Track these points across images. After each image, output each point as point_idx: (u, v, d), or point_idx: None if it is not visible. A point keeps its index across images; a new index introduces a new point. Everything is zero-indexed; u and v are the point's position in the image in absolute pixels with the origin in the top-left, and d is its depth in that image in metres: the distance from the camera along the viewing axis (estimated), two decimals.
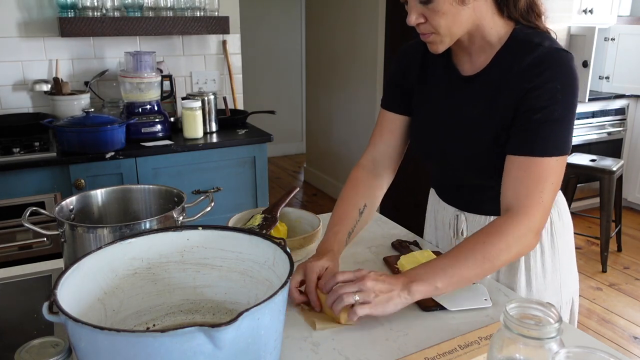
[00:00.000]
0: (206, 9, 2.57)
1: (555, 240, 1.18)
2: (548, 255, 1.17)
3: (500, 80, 1.03)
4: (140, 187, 1.24)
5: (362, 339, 0.94)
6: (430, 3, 0.96)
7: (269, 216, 1.27)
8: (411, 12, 0.99)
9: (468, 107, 1.09)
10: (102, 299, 0.84)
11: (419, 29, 1.01)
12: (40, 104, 2.47)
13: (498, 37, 1.03)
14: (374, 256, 1.27)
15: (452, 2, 0.96)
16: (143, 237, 0.89)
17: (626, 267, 3.28)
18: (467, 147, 1.10)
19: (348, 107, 4.09)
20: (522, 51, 1.00)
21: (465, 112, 1.09)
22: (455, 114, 1.11)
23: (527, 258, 1.16)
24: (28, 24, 2.39)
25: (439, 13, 0.97)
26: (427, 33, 1.01)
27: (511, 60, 1.02)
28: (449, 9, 0.96)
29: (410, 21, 0.99)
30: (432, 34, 1.00)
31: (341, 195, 1.20)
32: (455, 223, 1.25)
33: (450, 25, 0.99)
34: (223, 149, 2.36)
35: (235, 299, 0.93)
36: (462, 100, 1.10)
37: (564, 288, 1.21)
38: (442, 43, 1.02)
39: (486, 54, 1.05)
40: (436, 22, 0.98)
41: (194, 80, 2.77)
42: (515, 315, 0.71)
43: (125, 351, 0.63)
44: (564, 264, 1.20)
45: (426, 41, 1.03)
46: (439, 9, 0.96)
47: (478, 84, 1.07)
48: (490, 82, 1.05)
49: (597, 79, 4.03)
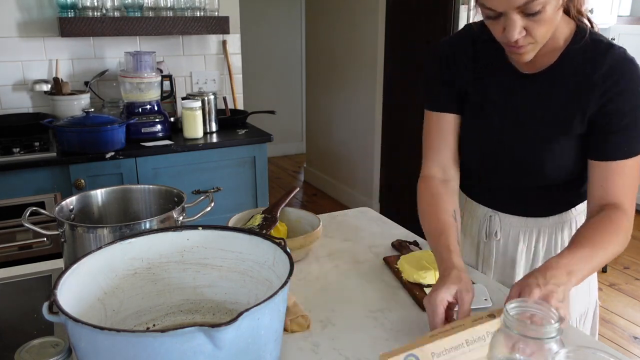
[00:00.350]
0: (206, 9, 2.57)
1: None
2: None
3: (570, 80, 1.02)
4: (140, 187, 1.24)
5: (362, 339, 0.94)
6: (539, 14, 0.90)
7: (269, 216, 1.27)
8: (514, 27, 0.91)
9: (532, 105, 1.06)
10: (102, 299, 0.84)
11: (515, 43, 0.94)
12: (40, 104, 2.47)
13: (564, 37, 1.02)
14: (374, 256, 1.27)
15: (556, 8, 0.92)
16: (143, 237, 0.89)
17: (626, 267, 3.28)
18: (530, 147, 1.07)
19: (348, 107, 4.09)
20: (594, 54, 0.99)
21: (529, 111, 1.06)
22: (517, 113, 1.08)
23: None
24: (28, 24, 2.38)
25: (544, 22, 0.92)
26: (525, 45, 0.95)
27: (582, 62, 1.00)
28: (553, 17, 0.93)
29: (512, 37, 0.93)
30: (529, 44, 0.96)
31: (424, 212, 1.12)
32: (487, 225, 1.20)
33: (548, 32, 0.96)
34: (223, 149, 2.36)
35: (235, 299, 0.93)
36: (524, 98, 1.07)
37: (592, 291, 1.21)
38: (534, 51, 0.98)
39: (551, 54, 1.03)
40: (539, 32, 0.93)
41: (194, 80, 2.77)
42: (515, 315, 0.71)
43: (125, 351, 0.63)
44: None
45: (517, 52, 0.97)
46: (545, 18, 0.92)
47: (544, 83, 1.04)
48: (558, 82, 1.03)
49: None
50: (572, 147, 1.04)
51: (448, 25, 2.95)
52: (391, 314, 1.02)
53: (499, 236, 1.20)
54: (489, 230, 1.21)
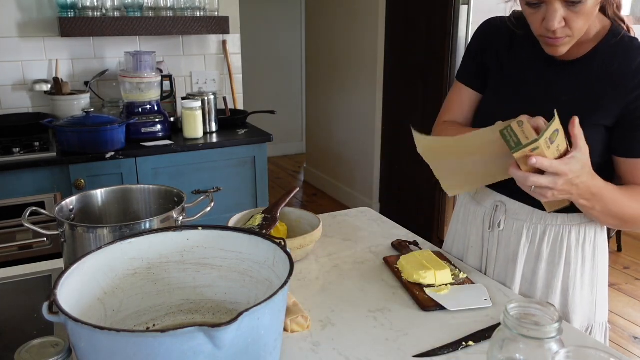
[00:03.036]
0: (206, 9, 2.57)
1: (597, 254, 1.15)
2: (588, 267, 1.15)
3: (602, 72, 1.05)
4: (140, 187, 1.24)
5: (362, 339, 0.94)
6: (580, 5, 0.93)
7: (269, 216, 1.27)
8: (554, 17, 0.95)
9: (563, 90, 1.09)
10: (102, 299, 0.84)
11: (554, 34, 0.98)
12: (40, 104, 2.47)
13: (596, 31, 1.06)
14: (374, 256, 1.27)
15: (595, 2, 0.95)
16: (143, 237, 0.89)
17: (626, 267, 3.28)
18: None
19: (348, 107, 4.09)
20: (628, 51, 1.03)
21: (559, 95, 1.09)
22: (547, 95, 1.10)
23: (568, 265, 1.14)
24: (28, 24, 2.39)
25: (583, 15, 0.95)
26: (562, 37, 0.99)
27: (614, 56, 1.03)
28: (592, 10, 0.96)
29: (552, 26, 0.96)
30: (567, 37, 0.99)
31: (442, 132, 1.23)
32: (492, 214, 1.21)
33: (585, 25, 0.98)
34: (223, 149, 2.36)
35: (235, 299, 0.93)
36: (556, 83, 1.10)
37: (598, 308, 1.18)
38: (569, 44, 1.02)
39: (584, 46, 1.06)
40: (577, 24, 0.97)
41: (194, 80, 2.77)
42: (515, 315, 0.71)
43: (125, 351, 0.63)
44: (600, 283, 1.17)
45: (554, 45, 1.01)
46: (586, 10, 0.95)
47: (577, 70, 1.07)
48: (590, 72, 1.06)
49: None
50: (595, 139, 1.03)
51: (448, 25, 2.95)
52: (391, 314, 1.02)
53: (502, 226, 1.19)
54: (493, 220, 1.21)
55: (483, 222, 1.23)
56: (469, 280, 1.13)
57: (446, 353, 0.90)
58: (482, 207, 1.23)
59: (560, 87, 1.09)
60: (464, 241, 1.29)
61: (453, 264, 1.20)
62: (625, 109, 1.02)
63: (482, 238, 1.24)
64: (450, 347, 0.91)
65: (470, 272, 1.19)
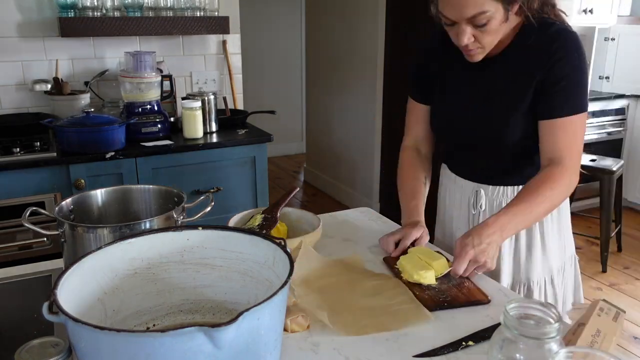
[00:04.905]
0: (206, 9, 2.57)
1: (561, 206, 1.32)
2: (555, 217, 1.32)
3: (521, 59, 1.18)
4: (140, 187, 1.24)
5: (362, 339, 0.94)
6: (485, 26, 1.09)
7: (269, 216, 1.27)
8: (463, 35, 1.11)
9: (494, 85, 1.23)
10: (102, 299, 0.84)
11: (466, 47, 1.14)
12: (40, 104, 2.47)
13: (511, 27, 1.18)
14: (374, 256, 1.27)
15: (500, 22, 1.10)
16: (143, 237, 0.89)
17: (626, 267, 3.28)
18: (497, 120, 1.23)
19: (348, 107, 4.09)
20: (538, 33, 1.16)
21: (491, 90, 1.23)
22: (482, 93, 1.25)
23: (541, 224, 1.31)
24: (28, 24, 2.39)
25: (490, 33, 1.11)
26: (474, 48, 1.14)
27: (529, 41, 1.17)
28: (497, 28, 1.11)
29: (462, 42, 1.12)
30: (478, 48, 1.15)
31: (401, 174, 1.40)
32: (474, 199, 1.35)
33: (494, 40, 1.14)
34: (223, 149, 2.36)
35: (235, 299, 0.93)
36: (484, 79, 1.24)
37: (567, 247, 1.37)
38: (483, 54, 1.17)
39: (503, 41, 1.19)
40: (485, 40, 1.12)
41: (194, 80, 2.77)
42: (515, 315, 0.71)
43: (125, 351, 0.63)
44: (564, 226, 1.36)
45: (469, 54, 1.17)
46: (489, 30, 1.10)
47: (500, 65, 1.21)
48: (512, 62, 1.20)
49: (597, 79, 4.03)
50: (524, 122, 1.20)
51: None
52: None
53: (484, 207, 1.34)
54: (475, 203, 1.35)
55: (468, 206, 1.37)
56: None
57: (446, 353, 0.90)
58: (464, 194, 1.38)
59: (489, 85, 1.24)
60: (450, 226, 1.44)
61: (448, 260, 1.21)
62: (543, 78, 1.15)
63: (467, 219, 1.38)
64: (450, 347, 0.91)
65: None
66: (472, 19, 1.07)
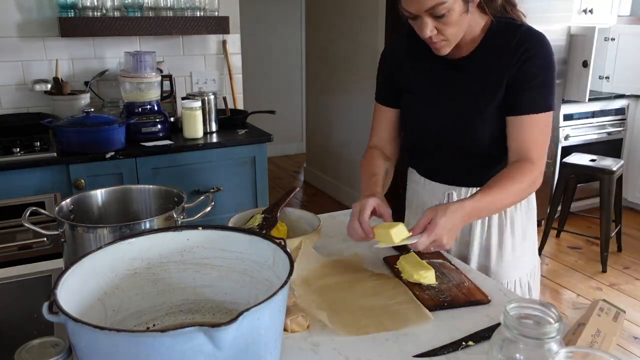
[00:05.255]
0: (206, 9, 2.57)
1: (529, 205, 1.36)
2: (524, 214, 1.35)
3: (491, 59, 1.20)
4: (140, 187, 1.24)
5: (362, 339, 0.94)
6: (444, 17, 1.10)
7: (269, 216, 1.27)
8: (425, 27, 1.12)
9: (463, 86, 1.24)
10: (102, 299, 0.84)
11: (430, 39, 1.15)
12: (40, 104, 2.47)
13: (480, 27, 1.21)
14: (374, 256, 1.27)
15: (460, 13, 1.11)
16: (143, 237, 0.89)
17: (626, 267, 3.28)
18: (467, 121, 1.24)
19: (348, 107, 4.09)
20: (507, 34, 1.19)
21: (461, 91, 1.24)
22: (452, 94, 1.26)
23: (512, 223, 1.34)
24: (28, 24, 2.39)
25: (451, 24, 1.12)
26: (438, 41, 1.16)
27: (498, 42, 1.20)
28: (458, 19, 1.12)
29: (424, 35, 1.13)
30: (442, 41, 1.16)
31: (363, 165, 1.37)
32: (446, 201, 1.34)
33: (458, 32, 1.15)
34: (223, 149, 2.36)
35: (235, 299, 0.93)
36: (456, 81, 1.25)
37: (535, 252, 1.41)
38: (449, 46, 1.18)
39: (472, 43, 1.22)
40: (448, 31, 1.13)
41: (194, 80, 2.77)
42: (515, 315, 0.71)
43: (125, 351, 0.63)
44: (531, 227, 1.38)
45: (435, 47, 1.18)
46: (450, 21, 1.11)
47: (469, 66, 1.23)
48: (481, 63, 1.22)
49: (597, 79, 4.03)
50: (499, 115, 1.21)
51: None
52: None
53: None
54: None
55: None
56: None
57: (446, 353, 0.90)
58: (435, 197, 1.38)
59: (459, 86, 1.25)
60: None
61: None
62: (512, 77, 1.18)
63: None
64: (450, 347, 0.91)
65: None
66: (432, 10, 1.09)
